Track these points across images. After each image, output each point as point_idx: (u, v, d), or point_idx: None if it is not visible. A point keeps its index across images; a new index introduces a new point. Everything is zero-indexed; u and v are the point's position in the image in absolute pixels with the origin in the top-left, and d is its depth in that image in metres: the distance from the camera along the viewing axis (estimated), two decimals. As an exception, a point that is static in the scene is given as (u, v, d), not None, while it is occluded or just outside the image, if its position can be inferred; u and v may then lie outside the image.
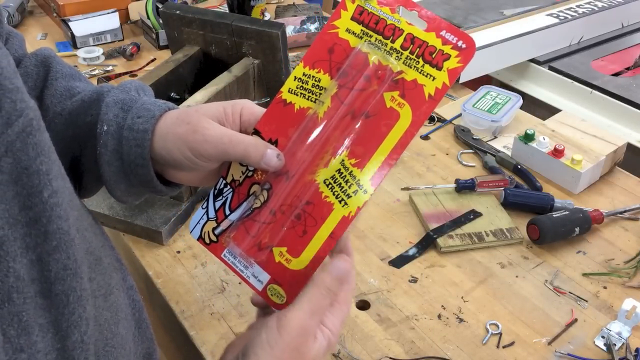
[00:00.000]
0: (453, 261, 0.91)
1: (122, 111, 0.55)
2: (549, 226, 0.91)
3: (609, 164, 1.07)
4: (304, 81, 0.53)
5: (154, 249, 0.93)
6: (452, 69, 0.49)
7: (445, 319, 0.82)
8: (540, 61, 1.50)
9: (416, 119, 0.49)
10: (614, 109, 1.36)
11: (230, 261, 0.54)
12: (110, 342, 0.46)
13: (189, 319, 0.82)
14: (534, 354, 0.77)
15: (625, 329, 0.79)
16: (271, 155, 0.51)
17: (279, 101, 0.54)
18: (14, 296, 0.34)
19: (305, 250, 0.51)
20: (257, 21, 1.05)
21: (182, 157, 0.53)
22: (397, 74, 0.50)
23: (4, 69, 0.35)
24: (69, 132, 0.57)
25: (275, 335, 0.46)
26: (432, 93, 0.49)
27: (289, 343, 0.46)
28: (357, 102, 0.51)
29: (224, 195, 0.55)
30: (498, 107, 1.19)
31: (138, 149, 0.54)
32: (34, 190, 0.36)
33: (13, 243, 0.34)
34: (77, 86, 0.59)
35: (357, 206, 0.50)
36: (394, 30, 0.50)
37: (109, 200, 0.98)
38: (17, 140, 0.35)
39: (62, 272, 0.38)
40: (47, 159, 0.37)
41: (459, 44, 0.49)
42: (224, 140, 0.52)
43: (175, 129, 0.53)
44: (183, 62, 1.07)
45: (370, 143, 0.50)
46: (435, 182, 1.06)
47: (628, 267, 0.89)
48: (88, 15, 1.57)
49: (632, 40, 1.64)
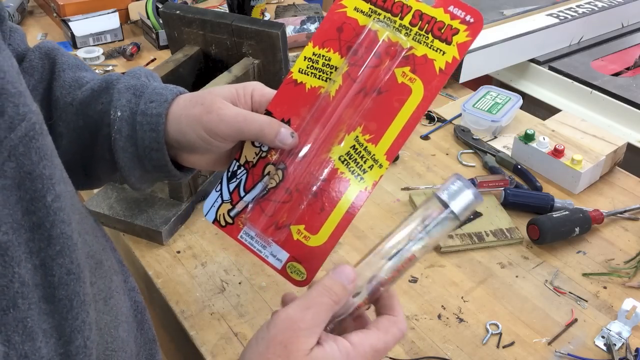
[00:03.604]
0: (453, 261, 0.91)
1: (134, 97, 0.55)
2: (549, 226, 0.91)
3: (609, 164, 1.07)
4: (314, 60, 0.53)
5: (154, 249, 0.93)
6: (462, 42, 0.49)
7: (445, 319, 0.82)
8: (540, 61, 1.50)
9: (428, 93, 0.50)
10: (614, 109, 1.36)
11: (248, 242, 0.55)
12: (111, 346, 0.46)
13: (189, 319, 0.82)
14: (534, 354, 0.77)
15: (625, 329, 0.79)
16: (285, 134, 0.52)
17: (290, 81, 0.54)
18: (19, 302, 0.34)
19: (323, 226, 0.52)
20: (257, 21, 1.05)
21: (197, 137, 0.53)
22: (407, 50, 0.51)
23: (7, 72, 0.35)
24: (79, 122, 0.57)
25: (263, 330, 0.44)
26: (442, 67, 0.50)
27: (274, 336, 0.43)
28: (368, 79, 0.51)
29: (238, 177, 0.55)
30: (498, 107, 1.19)
31: (152, 133, 0.54)
32: (37, 194, 0.36)
33: (17, 248, 0.34)
34: (85, 76, 0.60)
35: (373, 180, 0.51)
36: (402, 7, 0.51)
37: (109, 200, 0.98)
38: (20, 144, 0.35)
39: (65, 277, 0.38)
40: (50, 163, 0.37)
41: (467, 19, 0.49)
42: (238, 119, 0.52)
43: (190, 110, 0.54)
44: (183, 62, 1.07)
45: (383, 118, 0.51)
46: (435, 182, 1.06)
47: (628, 267, 0.89)
48: (88, 15, 1.57)
49: (632, 40, 1.64)
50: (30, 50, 0.61)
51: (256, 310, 0.83)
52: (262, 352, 0.43)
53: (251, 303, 0.84)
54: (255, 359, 0.43)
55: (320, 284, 0.46)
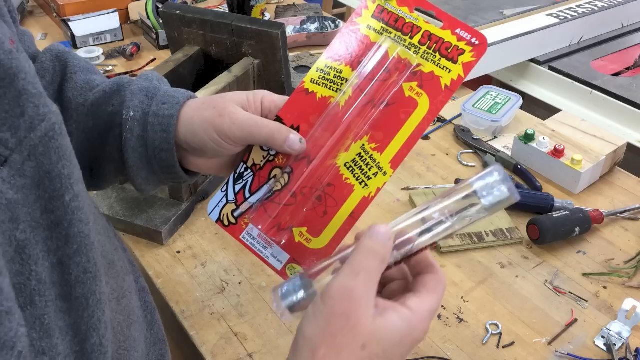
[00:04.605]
0: (453, 261, 0.91)
1: (147, 98, 0.57)
2: (549, 226, 0.91)
3: (609, 164, 1.07)
4: (326, 72, 0.56)
5: (154, 249, 0.93)
6: (467, 62, 0.53)
7: (445, 319, 0.82)
8: (540, 61, 1.50)
9: (433, 108, 0.53)
10: (614, 109, 1.36)
11: (250, 242, 0.56)
12: (124, 345, 0.47)
13: (189, 319, 0.82)
14: (534, 354, 0.77)
15: (625, 329, 0.79)
16: (294, 140, 0.53)
17: (301, 90, 0.56)
18: (36, 299, 0.34)
19: (325, 229, 0.53)
20: (257, 21, 1.05)
21: (208, 139, 0.54)
22: (415, 66, 0.53)
23: (28, 73, 0.35)
24: (89, 122, 0.58)
25: (318, 304, 0.42)
26: (448, 84, 0.53)
27: (332, 308, 0.41)
28: (377, 92, 0.54)
29: (245, 179, 0.57)
30: (498, 107, 1.19)
31: (164, 134, 0.55)
32: (56, 194, 0.36)
33: (35, 246, 0.35)
34: (96, 79, 0.61)
35: (377, 187, 0.53)
36: (413, 28, 0.54)
37: (109, 200, 0.98)
38: (40, 144, 0.35)
39: (82, 276, 0.38)
40: (69, 163, 0.38)
41: (472, 41, 0.53)
42: (250, 124, 0.54)
43: (202, 113, 0.55)
44: (183, 62, 1.07)
45: (390, 129, 0.53)
46: (435, 182, 1.06)
47: (628, 267, 0.89)
48: (88, 15, 1.56)
49: (632, 40, 1.64)
50: (41, 53, 0.62)
51: (256, 310, 0.83)
52: (323, 327, 0.41)
53: (251, 303, 0.84)
54: (319, 335, 0.41)
55: (361, 248, 0.44)
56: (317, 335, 0.41)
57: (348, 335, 0.41)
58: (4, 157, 0.34)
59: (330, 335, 0.41)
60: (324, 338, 0.41)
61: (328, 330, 0.41)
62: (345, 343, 0.41)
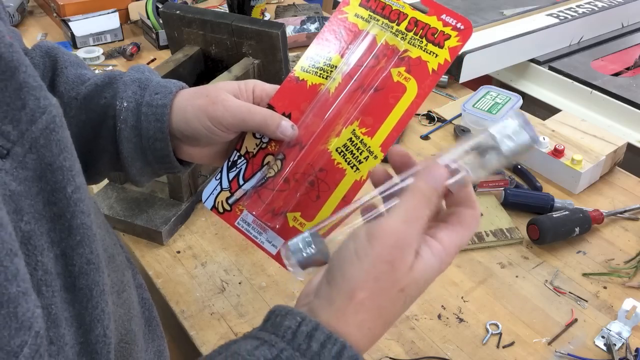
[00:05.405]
0: (453, 261, 0.90)
1: (139, 89, 0.57)
2: (549, 226, 0.91)
3: (609, 164, 1.07)
4: (316, 60, 0.57)
5: (154, 249, 0.93)
6: (453, 47, 0.53)
7: (445, 319, 0.82)
8: (540, 61, 1.50)
9: (421, 91, 0.54)
10: (614, 109, 1.36)
11: (244, 228, 0.57)
12: (125, 339, 0.47)
13: (189, 319, 0.82)
14: (534, 354, 0.77)
15: (625, 329, 0.79)
16: (286, 126, 0.54)
17: (292, 78, 0.57)
18: (43, 289, 0.35)
19: (318, 213, 0.54)
20: (257, 21, 1.05)
21: (201, 126, 0.55)
22: (403, 52, 0.54)
23: (28, 66, 0.36)
24: (82, 116, 0.59)
25: (364, 245, 0.40)
26: (435, 68, 0.53)
27: (380, 254, 0.39)
28: (366, 78, 0.55)
29: (238, 167, 0.57)
30: (498, 107, 1.19)
31: (157, 124, 0.56)
32: (58, 186, 0.37)
33: (40, 237, 0.35)
34: (86, 73, 0.61)
35: (368, 170, 0.54)
36: (399, 15, 0.55)
37: (109, 200, 0.98)
38: (41, 136, 0.36)
39: (85, 267, 0.38)
40: (69, 155, 0.38)
41: (458, 26, 0.54)
42: (242, 110, 0.54)
43: (195, 101, 0.56)
44: (183, 62, 1.07)
45: (379, 114, 0.54)
46: (435, 182, 1.06)
47: (628, 267, 0.89)
48: (88, 15, 1.56)
49: (632, 40, 1.64)
50: (30, 49, 0.62)
51: (256, 310, 0.83)
52: (368, 270, 0.40)
53: (251, 303, 0.84)
54: (362, 277, 0.40)
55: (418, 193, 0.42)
56: (360, 278, 0.40)
57: (390, 280, 0.40)
58: (6, 149, 0.34)
59: (373, 279, 0.40)
60: (367, 281, 0.40)
61: (372, 274, 0.40)
62: (386, 288, 0.40)
